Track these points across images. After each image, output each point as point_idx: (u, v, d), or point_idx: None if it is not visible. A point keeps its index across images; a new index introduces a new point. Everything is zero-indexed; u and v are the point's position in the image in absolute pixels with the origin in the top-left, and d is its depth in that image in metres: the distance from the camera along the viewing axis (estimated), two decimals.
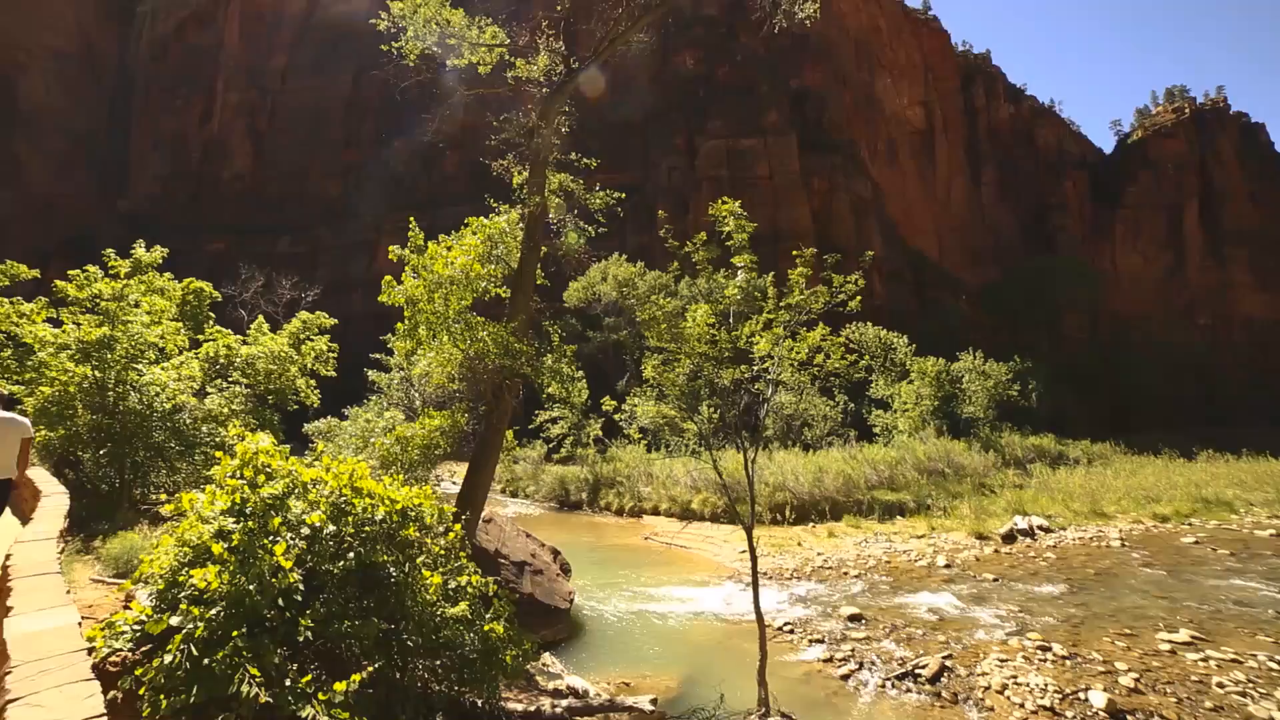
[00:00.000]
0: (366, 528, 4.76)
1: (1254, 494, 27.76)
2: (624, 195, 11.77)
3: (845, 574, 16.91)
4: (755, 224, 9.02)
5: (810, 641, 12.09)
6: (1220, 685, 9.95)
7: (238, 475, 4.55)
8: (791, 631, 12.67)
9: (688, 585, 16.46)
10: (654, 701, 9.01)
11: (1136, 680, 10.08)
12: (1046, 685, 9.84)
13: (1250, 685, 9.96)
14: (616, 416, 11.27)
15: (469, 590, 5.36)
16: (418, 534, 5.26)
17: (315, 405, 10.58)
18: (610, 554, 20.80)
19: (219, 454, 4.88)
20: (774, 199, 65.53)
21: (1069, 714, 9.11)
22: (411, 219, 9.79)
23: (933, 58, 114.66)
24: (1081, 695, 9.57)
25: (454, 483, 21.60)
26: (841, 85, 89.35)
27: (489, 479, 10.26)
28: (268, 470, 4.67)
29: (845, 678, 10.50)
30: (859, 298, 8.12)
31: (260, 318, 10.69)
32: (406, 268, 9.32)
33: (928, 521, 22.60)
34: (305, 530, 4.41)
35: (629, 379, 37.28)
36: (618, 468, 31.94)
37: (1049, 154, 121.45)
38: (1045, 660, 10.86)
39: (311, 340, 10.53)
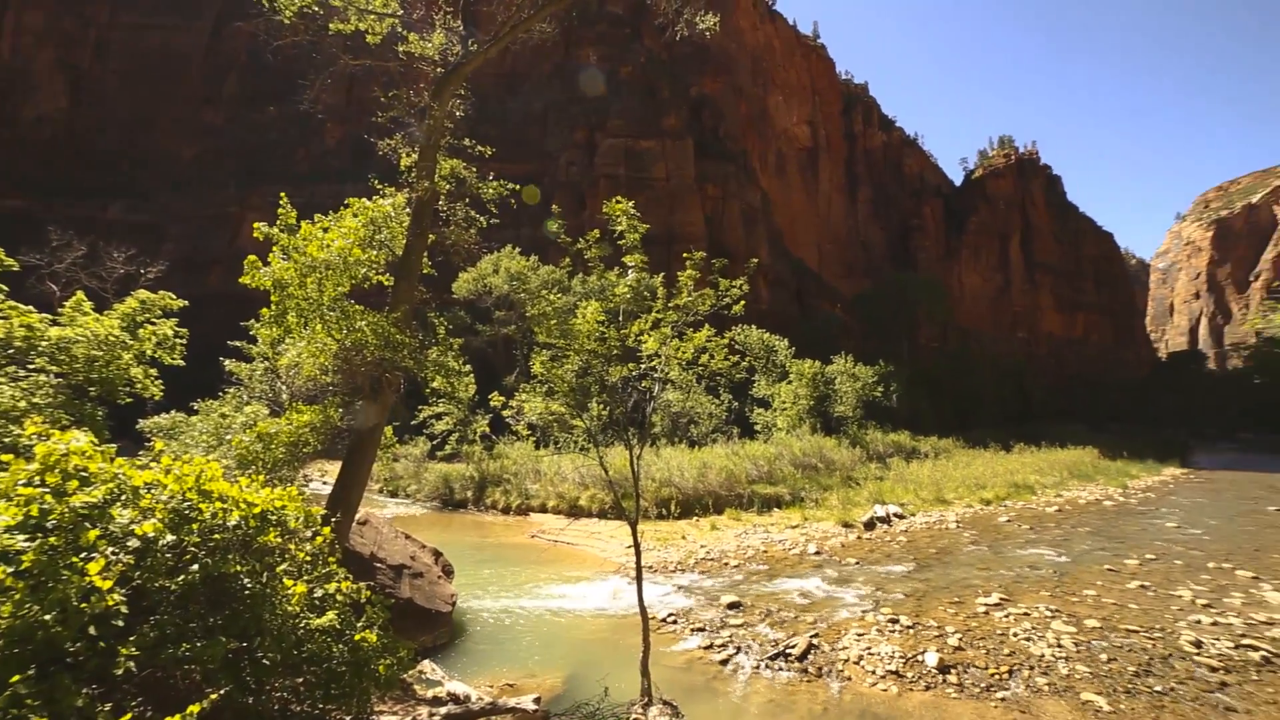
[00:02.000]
0: (216, 535, 4.23)
1: (1047, 478, 33.83)
2: (518, 187, 11.51)
3: (726, 564, 17.84)
4: (649, 225, 9.24)
5: (692, 630, 12.62)
6: (1015, 634, 12.03)
7: (36, 482, 3.78)
8: (675, 622, 13.14)
9: (574, 582, 16.50)
10: (537, 700, 8.95)
11: (960, 639, 11.75)
12: (894, 652, 11.11)
13: (1034, 630, 12.21)
14: (505, 413, 10.96)
15: (338, 598, 4.98)
16: (279, 540, 4.79)
17: (157, 398, 9.18)
18: (496, 553, 20.30)
19: (7, 458, 4.04)
20: (669, 201, 67.27)
21: (909, 674, 10.37)
22: (283, 195, 8.85)
23: (819, 81, 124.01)
24: (920, 657, 10.93)
25: (325, 483, 19.93)
26: (737, 97, 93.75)
27: (365, 478, 9.58)
28: (83, 474, 3.93)
29: (724, 662, 11.10)
30: (744, 302, 8.59)
31: (80, 294, 9.02)
32: (275, 248, 8.41)
33: (801, 512, 24.46)
34: (134, 543, 3.81)
35: (518, 374, 36.49)
36: (505, 465, 31.22)
37: (913, 181, 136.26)
38: (894, 631, 12.24)
39: (153, 324, 9.10)
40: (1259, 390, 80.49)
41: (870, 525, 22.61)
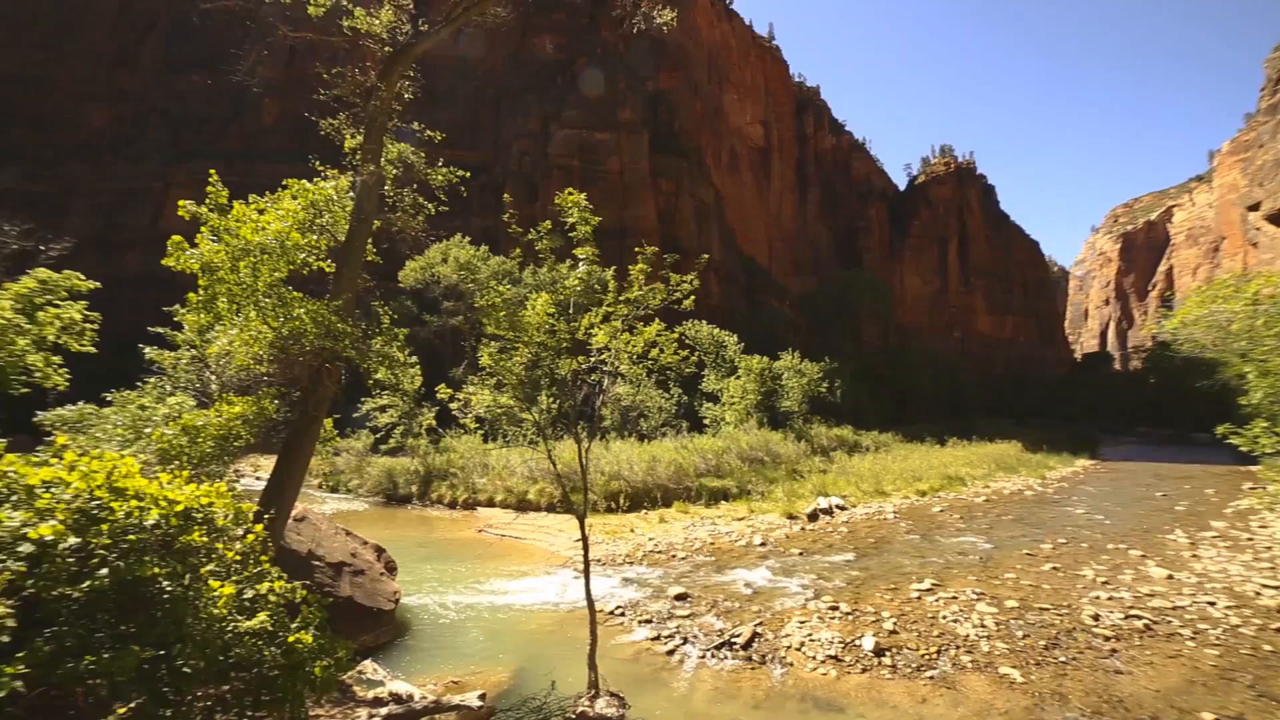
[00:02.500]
0: (130, 536, 3.91)
1: (977, 470, 35.98)
2: (469, 174, 11.19)
3: (674, 557, 18.08)
4: (601, 218, 9.18)
5: (640, 622, 12.74)
6: (944, 617, 12.78)
7: None
8: (623, 614, 13.23)
9: (522, 576, 16.36)
10: (482, 697, 8.83)
11: (895, 623, 12.37)
12: (833, 638, 11.57)
13: (961, 613, 13.01)
14: (452, 406, 10.69)
15: (271, 599, 4.74)
16: (205, 539, 4.51)
17: (61, 389, 8.39)
18: (442, 549, 19.85)
19: None
20: (623, 195, 67.09)
21: (848, 659, 10.84)
22: (213, 172, 8.26)
23: (773, 82, 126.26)
24: (858, 642, 11.44)
25: (259, 478, 18.93)
26: (693, 94, 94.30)
27: (302, 473, 9.14)
28: None
29: (671, 653, 11.27)
30: (694, 297, 8.67)
31: None
32: (204, 229, 7.87)
33: (748, 505, 25.05)
34: (26, 548, 3.50)
35: (466, 366, 35.68)
36: (452, 459, 30.54)
37: (860, 184, 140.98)
38: (834, 618, 12.74)
39: (56, 306, 8.28)
40: (1153, 389, 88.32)
41: (813, 517, 23.40)
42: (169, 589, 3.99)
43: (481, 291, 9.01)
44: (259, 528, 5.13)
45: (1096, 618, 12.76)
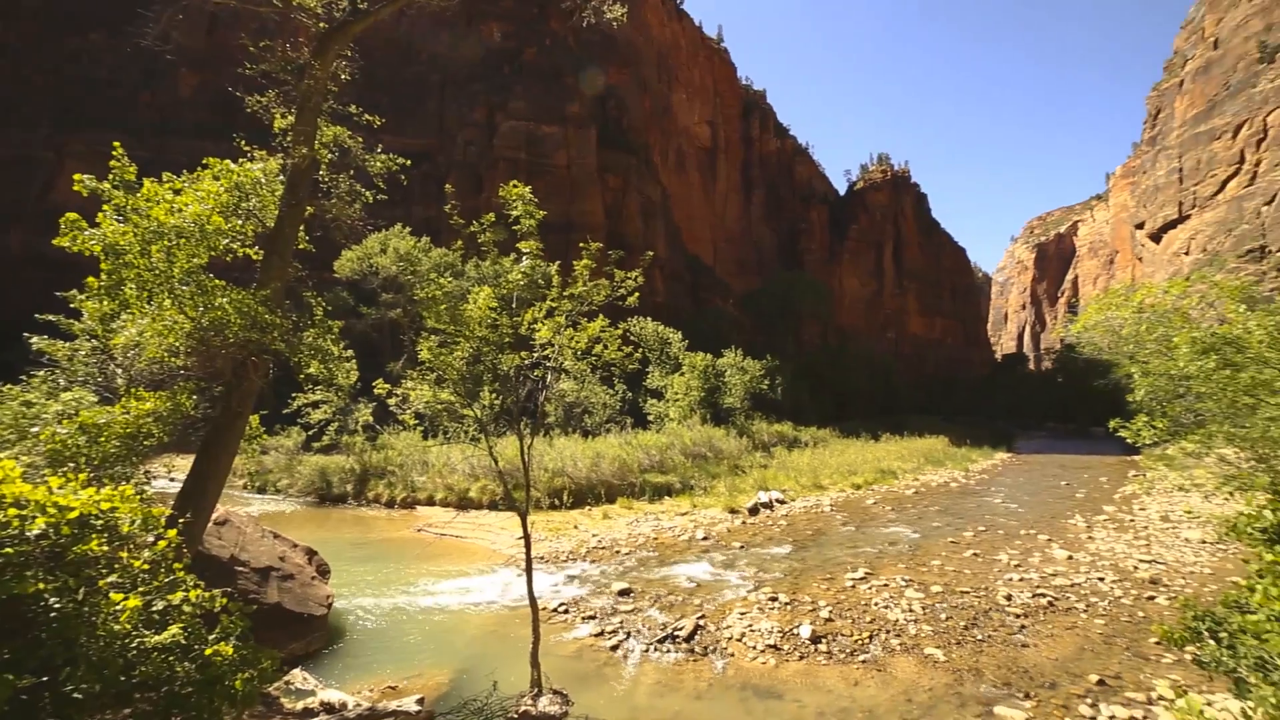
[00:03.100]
0: (8, 549, 3.52)
1: (908, 463, 38.02)
2: (409, 162, 10.76)
3: (617, 552, 18.14)
4: (547, 212, 9.04)
5: (583, 619, 12.71)
6: (876, 603, 13.44)
7: None
8: (566, 611, 13.16)
9: (463, 576, 15.99)
10: (421, 701, 8.58)
11: (830, 611, 12.89)
12: (773, 628, 11.93)
13: (891, 599, 13.72)
14: (390, 401, 10.28)
15: (185, 610, 4.39)
16: (106, 548, 4.13)
17: None
18: (379, 549, 19.11)
19: None
20: (570, 189, 66.47)
21: (786, 647, 11.21)
22: (117, 145, 7.54)
23: (721, 84, 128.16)
24: (795, 631, 11.84)
25: (174, 479, 17.60)
26: (642, 91, 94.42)
27: (224, 473, 8.54)
28: None
29: (614, 648, 11.30)
30: (638, 294, 8.67)
31: None
32: (107, 206, 7.18)
33: (691, 500, 25.44)
34: None
35: (406, 361, 34.45)
36: (390, 456, 29.45)
37: (803, 187, 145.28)
38: (773, 608, 13.14)
39: None
40: (1061, 387, 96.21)
41: (754, 511, 24.02)
42: (58, 606, 3.60)
43: (422, 284, 8.68)
44: (172, 533, 4.75)
45: (1009, 598, 13.80)
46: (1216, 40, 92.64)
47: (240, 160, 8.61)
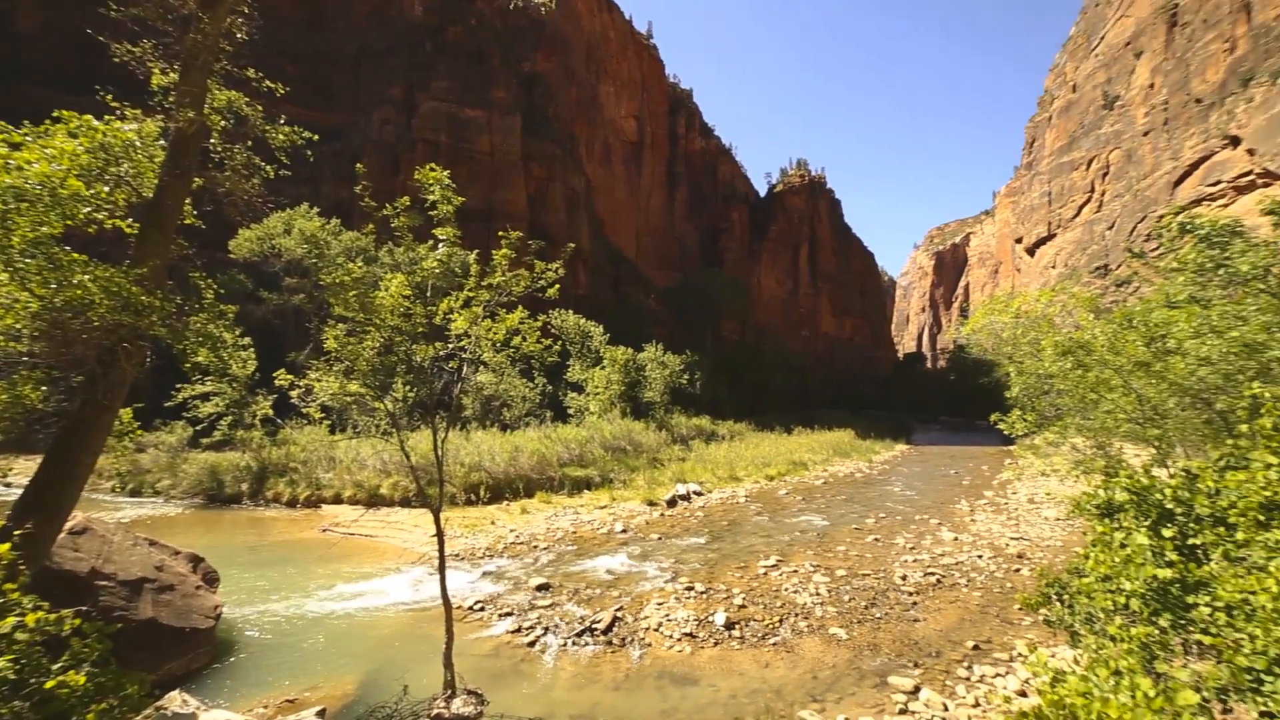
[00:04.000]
0: None
1: (818, 455, 40.28)
2: (317, 137, 9.96)
3: (536, 547, 17.93)
4: (469, 199, 8.73)
5: (500, 616, 12.47)
6: (786, 589, 14.17)
7: None
8: (482, 609, 12.86)
9: (372, 577, 15.19)
10: (322, 713, 8.08)
11: (744, 598, 13.43)
12: (689, 617, 12.25)
13: (800, 584, 14.52)
14: (292, 393, 9.56)
15: (19, 637, 3.80)
16: None
17: None
18: (279, 552, 17.74)
19: None
20: (493, 176, 64.39)
21: (702, 634, 11.56)
22: None
23: (649, 79, 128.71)
24: (711, 618, 12.23)
25: (8, 484, 15.46)
26: (569, 80, 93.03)
27: (84, 475, 7.54)
28: None
29: (532, 644, 11.17)
30: (558, 285, 8.53)
31: None
32: None
33: (610, 493, 25.58)
34: None
35: (311, 350, 32.16)
36: (292, 452, 27.42)
37: (725, 187, 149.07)
38: (690, 597, 13.49)
39: None
40: (953, 384, 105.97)
41: (672, 503, 24.53)
42: None
43: (329, 269, 8.08)
44: (4, 548, 4.13)
45: (904, 578, 15.01)
46: (1075, 85, 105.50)
47: (107, 118, 7.60)
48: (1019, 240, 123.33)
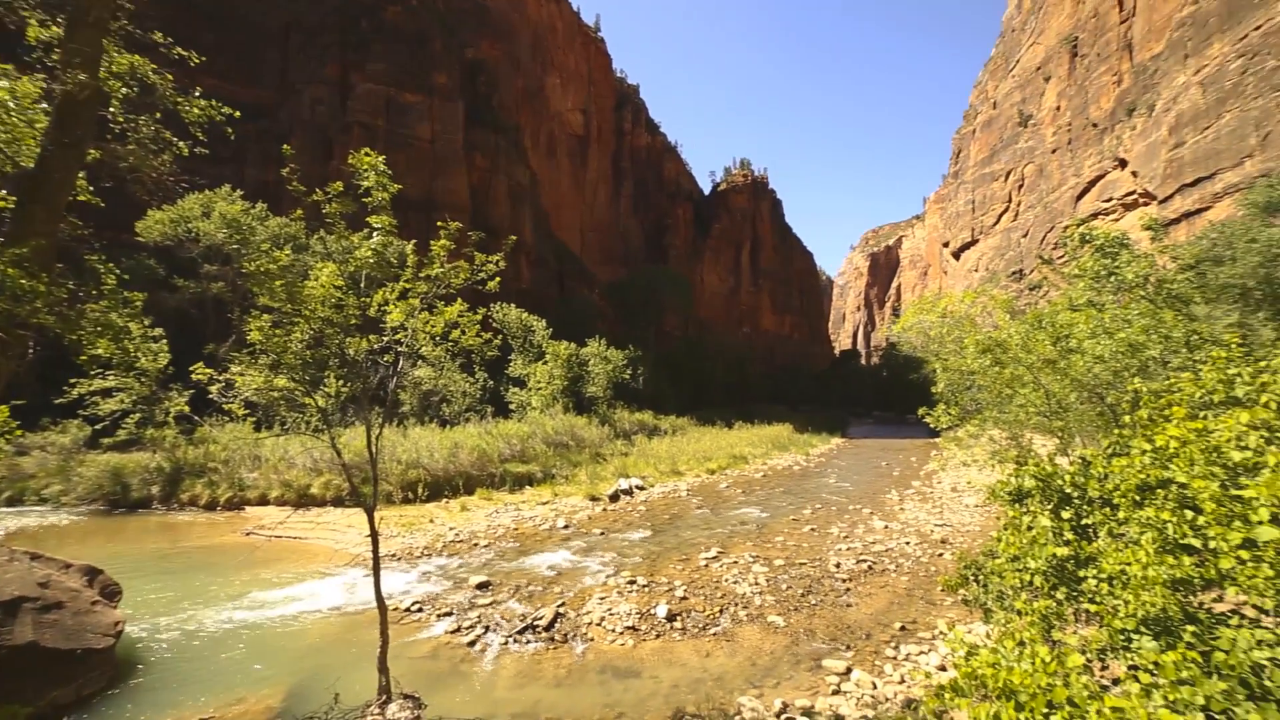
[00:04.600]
0: None
1: (758, 449, 41.38)
2: (238, 114, 9.28)
3: (476, 545, 17.56)
4: (407, 187, 8.40)
5: (439, 616, 12.14)
6: (726, 580, 14.51)
7: None
8: (420, 609, 12.48)
9: (301, 580, 14.43)
10: None
11: (685, 590, 13.64)
12: (631, 610, 12.32)
13: (740, 574, 14.90)
14: (211, 389, 8.91)
15: None
16: None
17: None
18: (195, 559, 16.53)
19: None
20: (433, 165, 62.17)
21: (644, 627, 11.66)
22: None
23: (596, 73, 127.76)
24: (653, 611, 12.35)
25: None
26: (515, 70, 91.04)
27: None
28: None
29: (472, 644, 10.93)
30: (499, 279, 8.31)
31: None
32: None
33: (552, 489, 25.38)
34: None
35: (234, 342, 30.13)
36: (213, 451, 25.62)
37: (670, 184, 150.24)
38: (632, 591, 13.57)
39: None
40: (886, 380, 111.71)
41: (615, 498, 24.61)
42: None
43: (253, 255, 7.56)
44: None
45: (838, 566, 15.68)
46: (995, 102, 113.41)
47: None
48: (946, 244, 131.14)
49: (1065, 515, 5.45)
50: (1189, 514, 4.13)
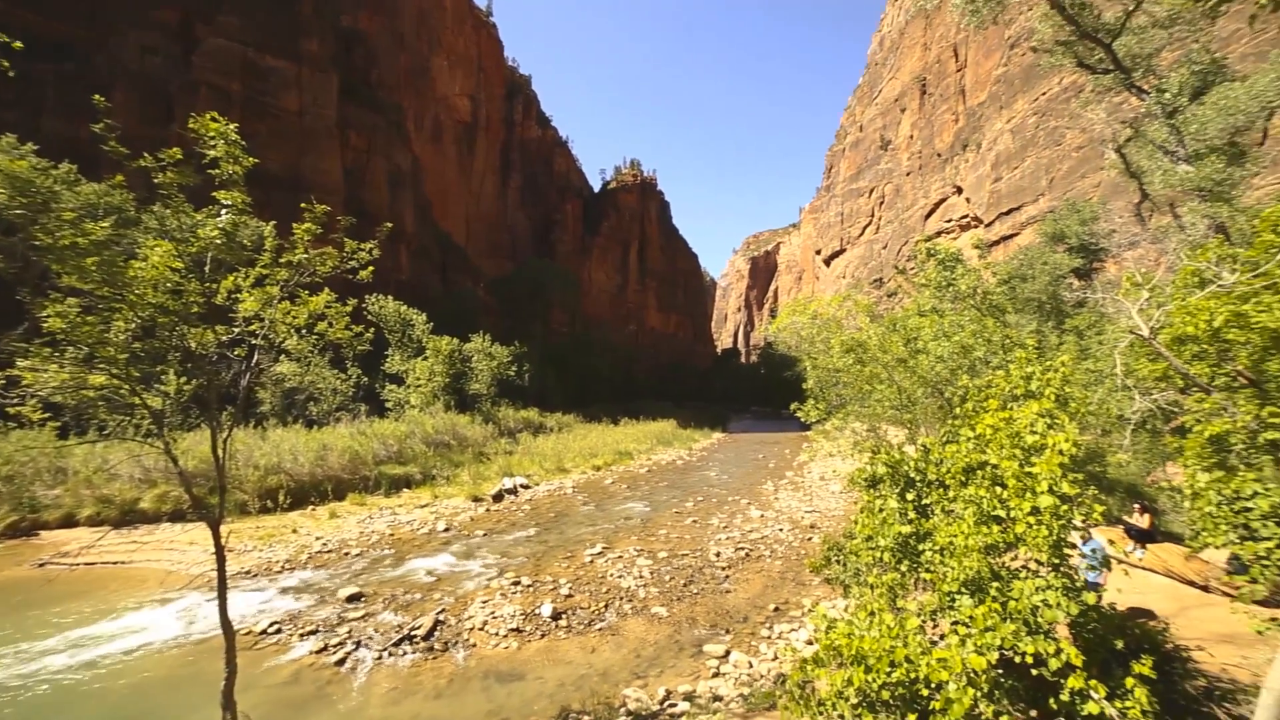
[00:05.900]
0: None
1: (643, 445, 42.42)
2: (20, 45, 7.66)
3: (347, 554, 16.26)
4: (270, 162, 7.50)
5: (301, 636, 11.07)
6: (611, 575, 14.76)
7: None
8: (279, 631, 11.29)
9: (126, 612, 12.39)
10: None
11: (571, 588, 13.66)
12: (515, 612, 12.09)
13: (624, 569, 15.24)
14: None
15: None
16: None
17: None
18: None
19: None
20: (301, 140, 56.08)
21: (529, 628, 11.49)
22: None
23: (487, 59, 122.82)
24: (538, 611, 12.22)
25: None
26: (398, 47, 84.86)
27: None
28: None
29: (340, 662, 10.11)
30: (373, 268, 7.69)
31: None
32: None
33: (432, 491, 24.16)
34: None
35: (26, 330, 25.06)
36: None
37: (560, 179, 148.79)
38: (516, 592, 13.31)
39: None
40: (763, 377, 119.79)
41: (499, 497, 23.97)
42: None
43: (53, 225, 6.34)
44: None
45: (718, 555, 16.53)
46: (861, 125, 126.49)
47: None
48: (818, 252, 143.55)
49: (909, 497, 6.21)
50: (999, 490, 4.94)
